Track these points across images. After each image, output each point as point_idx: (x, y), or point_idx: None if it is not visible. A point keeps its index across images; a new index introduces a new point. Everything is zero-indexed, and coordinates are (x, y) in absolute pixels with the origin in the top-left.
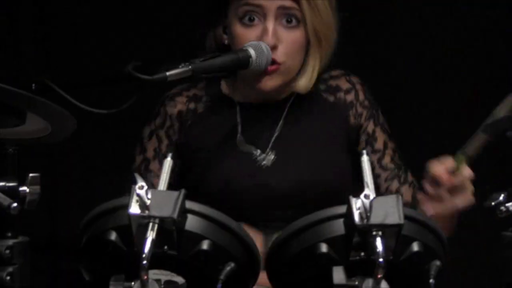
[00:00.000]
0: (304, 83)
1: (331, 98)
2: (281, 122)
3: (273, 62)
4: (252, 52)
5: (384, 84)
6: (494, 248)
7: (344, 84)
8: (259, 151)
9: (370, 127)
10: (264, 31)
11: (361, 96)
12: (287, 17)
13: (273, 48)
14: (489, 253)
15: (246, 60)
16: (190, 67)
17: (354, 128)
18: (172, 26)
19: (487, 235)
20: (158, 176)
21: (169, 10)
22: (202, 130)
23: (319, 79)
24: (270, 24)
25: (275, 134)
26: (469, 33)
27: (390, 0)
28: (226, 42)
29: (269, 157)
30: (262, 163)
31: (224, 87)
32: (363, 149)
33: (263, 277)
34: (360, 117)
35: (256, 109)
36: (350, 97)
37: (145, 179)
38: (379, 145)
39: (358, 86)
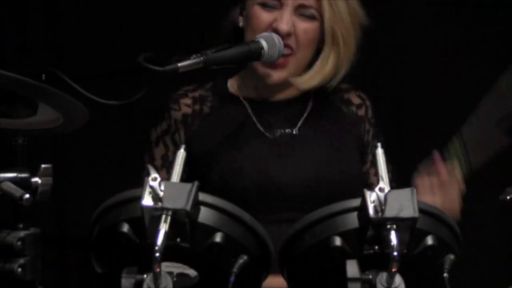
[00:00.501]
0: (306, 78)
1: (345, 109)
2: (300, 122)
3: (286, 47)
4: (264, 43)
5: (390, 84)
6: (504, 245)
7: (355, 99)
8: (280, 148)
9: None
10: (280, 17)
11: (370, 114)
12: (305, 12)
13: (287, 35)
14: (499, 249)
15: (258, 52)
16: (201, 58)
17: (363, 143)
18: (184, 17)
19: (498, 232)
20: None
21: (181, 1)
22: (210, 132)
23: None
24: (287, 13)
25: (295, 133)
26: (475, 36)
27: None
28: (241, 24)
29: (288, 155)
30: (281, 160)
31: (231, 86)
32: (378, 141)
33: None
34: (368, 134)
35: (271, 108)
36: (361, 112)
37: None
38: None
39: (368, 103)
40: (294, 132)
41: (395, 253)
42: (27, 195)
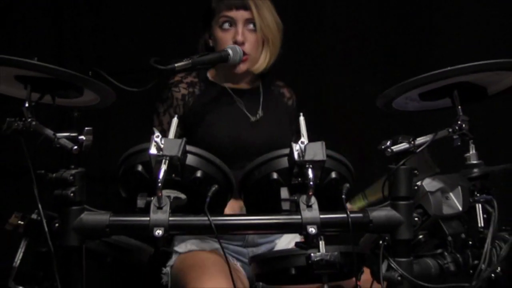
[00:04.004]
0: (259, 66)
1: (281, 99)
2: (259, 105)
3: (244, 53)
4: (230, 51)
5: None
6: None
7: (287, 93)
8: (247, 121)
9: (295, 130)
10: (236, 33)
11: (295, 104)
12: (252, 24)
13: (242, 44)
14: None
15: (226, 57)
16: (190, 61)
17: (292, 122)
18: (179, 32)
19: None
20: None
21: (178, 22)
22: (201, 106)
23: (274, 83)
24: (240, 28)
25: (256, 113)
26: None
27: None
28: (211, 44)
29: (252, 127)
30: (247, 130)
31: (209, 76)
32: (300, 111)
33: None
34: (295, 118)
35: (240, 93)
36: (290, 103)
37: None
38: None
39: (294, 97)
40: (256, 112)
41: (311, 183)
42: (76, 147)
